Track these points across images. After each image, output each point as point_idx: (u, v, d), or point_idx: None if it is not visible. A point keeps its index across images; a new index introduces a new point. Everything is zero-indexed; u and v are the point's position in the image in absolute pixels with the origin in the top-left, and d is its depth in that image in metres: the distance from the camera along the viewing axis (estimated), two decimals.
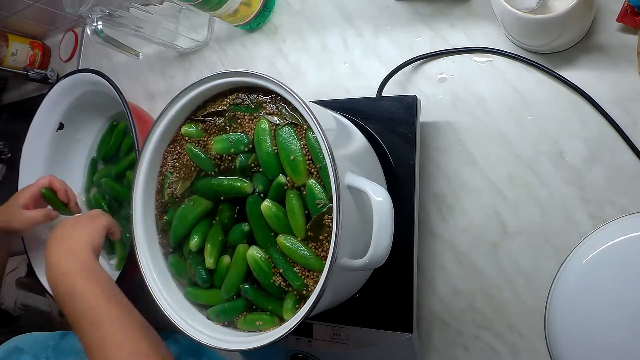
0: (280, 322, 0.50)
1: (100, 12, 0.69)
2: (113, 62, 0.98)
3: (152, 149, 0.57)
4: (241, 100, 0.53)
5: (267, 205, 0.49)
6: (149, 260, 0.56)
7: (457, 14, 0.61)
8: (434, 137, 0.61)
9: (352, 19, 0.69)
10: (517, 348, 0.55)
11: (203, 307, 0.55)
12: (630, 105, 0.51)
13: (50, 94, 0.81)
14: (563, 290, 0.49)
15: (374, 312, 0.56)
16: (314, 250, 0.48)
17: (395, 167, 0.57)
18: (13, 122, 1.21)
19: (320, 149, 0.47)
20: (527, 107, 0.56)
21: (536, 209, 0.55)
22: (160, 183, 0.58)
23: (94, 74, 0.74)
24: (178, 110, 0.55)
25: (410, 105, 0.57)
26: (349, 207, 0.44)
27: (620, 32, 0.52)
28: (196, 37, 0.83)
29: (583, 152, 0.53)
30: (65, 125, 0.84)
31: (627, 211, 0.50)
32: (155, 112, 0.57)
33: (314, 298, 0.43)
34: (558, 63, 0.55)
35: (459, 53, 0.61)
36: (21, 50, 1.09)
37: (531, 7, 0.49)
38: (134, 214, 0.57)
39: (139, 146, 0.66)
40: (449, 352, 0.59)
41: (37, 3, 0.99)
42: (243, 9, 0.72)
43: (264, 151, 0.50)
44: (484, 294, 0.57)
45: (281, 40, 0.76)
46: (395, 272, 0.55)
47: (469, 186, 0.59)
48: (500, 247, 0.56)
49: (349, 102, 0.61)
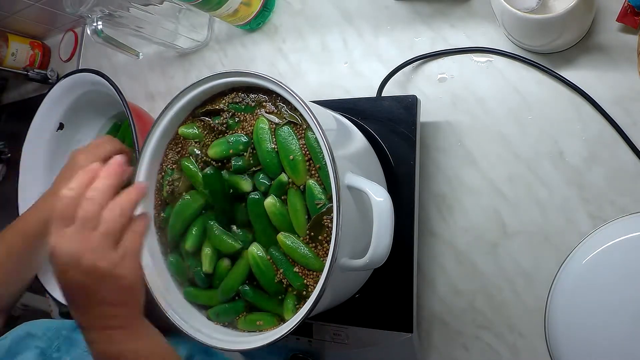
0: (281, 322, 0.50)
1: (100, 12, 0.69)
2: (113, 62, 0.98)
3: (152, 149, 0.57)
4: (240, 99, 0.53)
5: (271, 201, 0.49)
6: (149, 260, 0.56)
7: (457, 14, 0.61)
8: (434, 137, 0.61)
9: (352, 19, 0.69)
10: (517, 348, 0.55)
11: (203, 308, 0.55)
12: (630, 105, 0.51)
13: (50, 94, 0.81)
14: (563, 290, 0.49)
15: (374, 312, 0.56)
16: (314, 250, 0.47)
17: (395, 167, 0.57)
18: (13, 122, 1.21)
19: (319, 148, 0.47)
20: (527, 107, 0.56)
21: (536, 209, 0.55)
22: (159, 181, 0.58)
23: (94, 74, 0.74)
24: (178, 110, 0.55)
25: (410, 105, 0.57)
26: (349, 207, 0.44)
27: (620, 32, 0.52)
28: (196, 37, 0.83)
29: (583, 152, 0.53)
30: (65, 125, 0.84)
31: (627, 211, 0.50)
32: (155, 112, 0.57)
33: (314, 298, 0.43)
34: (558, 63, 0.55)
35: (459, 53, 0.61)
36: (21, 50, 1.09)
37: (531, 7, 0.49)
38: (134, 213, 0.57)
39: (139, 146, 0.66)
40: (449, 352, 0.59)
41: (37, 3, 0.99)
42: (243, 9, 0.72)
43: (265, 150, 0.49)
44: (484, 294, 0.57)
45: (281, 40, 0.76)
46: (395, 272, 0.55)
47: (469, 186, 0.59)
48: (500, 247, 0.56)
49: (349, 102, 0.61)
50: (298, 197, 0.48)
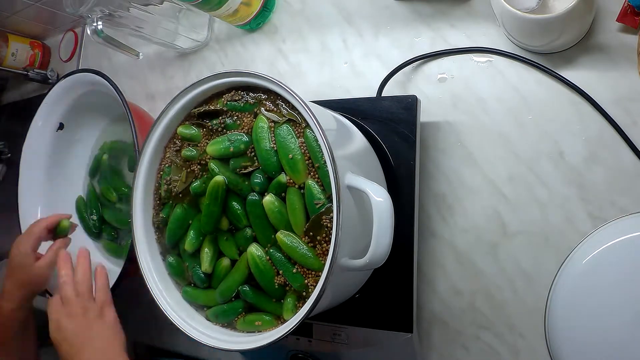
0: (280, 322, 0.50)
1: (100, 12, 0.69)
2: (113, 62, 0.98)
3: (152, 149, 0.57)
4: (240, 97, 0.53)
5: (270, 200, 0.49)
6: (149, 260, 0.56)
7: (457, 14, 0.61)
8: (434, 137, 0.61)
9: (352, 19, 0.69)
10: (517, 348, 0.55)
11: (201, 308, 0.55)
12: (630, 105, 0.51)
13: (50, 94, 0.81)
14: (563, 290, 0.49)
15: (374, 312, 0.56)
16: (313, 250, 0.47)
17: (395, 167, 0.57)
18: (13, 122, 1.21)
19: (319, 147, 0.47)
20: (527, 107, 0.56)
21: (536, 209, 0.55)
22: (158, 181, 0.58)
23: (94, 74, 0.74)
24: (178, 111, 0.55)
25: (410, 105, 0.57)
26: (348, 207, 0.44)
27: (620, 32, 0.52)
28: (196, 37, 0.83)
29: (583, 152, 0.53)
30: (65, 125, 0.84)
31: (627, 211, 0.50)
32: (155, 112, 0.57)
33: (314, 298, 0.43)
34: (558, 63, 0.55)
35: (459, 53, 0.61)
36: (21, 50, 1.09)
37: (531, 7, 0.49)
38: (134, 214, 0.57)
39: (139, 146, 0.66)
40: (449, 352, 0.59)
41: (37, 3, 0.99)
42: (243, 9, 0.72)
43: (264, 149, 0.49)
44: (484, 294, 0.57)
45: (281, 40, 0.76)
46: (395, 272, 0.55)
47: (469, 186, 0.59)
48: (500, 247, 0.56)
49: (349, 102, 0.61)
50: (297, 196, 0.48)
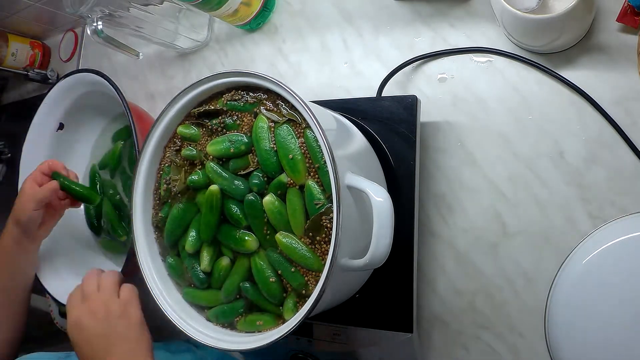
0: (281, 322, 0.50)
1: (100, 12, 0.69)
2: (113, 62, 0.98)
3: (152, 149, 0.57)
4: (240, 97, 0.53)
5: (270, 200, 0.49)
6: (149, 260, 0.56)
7: (457, 14, 0.61)
8: (434, 137, 0.61)
9: (352, 19, 0.69)
10: (517, 348, 0.55)
11: (202, 308, 0.55)
12: (630, 105, 0.51)
13: (50, 94, 0.81)
14: (563, 290, 0.49)
15: (374, 312, 0.56)
16: (313, 251, 0.47)
17: (395, 167, 0.57)
18: (13, 122, 1.21)
19: (319, 148, 0.47)
20: (527, 107, 0.56)
21: (536, 209, 0.55)
22: (158, 181, 0.58)
23: (94, 74, 0.74)
24: (178, 110, 0.55)
25: (410, 105, 0.57)
26: (348, 207, 0.44)
27: (620, 32, 0.52)
28: (196, 37, 0.83)
29: (583, 152, 0.53)
30: (65, 125, 0.84)
31: (627, 211, 0.50)
32: (155, 112, 0.57)
33: (314, 298, 0.43)
34: (558, 63, 0.55)
35: (459, 53, 0.61)
36: (21, 50, 1.09)
37: (531, 7, 0.49)
38: (134, 214, 0.57)
39: (139, 146, 0.66)
40: (449, 352, 0.59)
41: (37, 3, 0.99)
42: (243, 9, 0.72)
43: (263, 149, 0.49)
44: (484, 294, 0.57)
45: (281, 40, 0.76)
46: (395, 272, 0.55)
47: (469, 186, 0.59)
48: (500, 247, 0.56)
49: (349, 102, 0.61)
50: (298, 197, 0.48)
